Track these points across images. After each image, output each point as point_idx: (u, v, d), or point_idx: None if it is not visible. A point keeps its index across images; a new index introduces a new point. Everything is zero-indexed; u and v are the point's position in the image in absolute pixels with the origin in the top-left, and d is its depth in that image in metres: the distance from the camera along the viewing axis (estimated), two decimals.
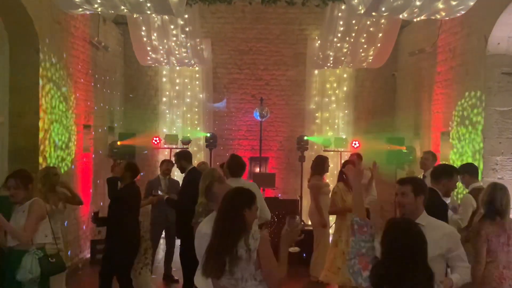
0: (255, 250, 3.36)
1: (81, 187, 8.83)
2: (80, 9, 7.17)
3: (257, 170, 11.51)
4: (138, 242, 6.37)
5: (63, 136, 7.99)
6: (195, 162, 11.70)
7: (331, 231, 7.84)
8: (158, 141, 11.27)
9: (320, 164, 8.26)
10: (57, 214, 5.97)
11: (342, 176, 7.05)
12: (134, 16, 9.48)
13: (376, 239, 3.05)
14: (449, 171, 4.92)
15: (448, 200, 5.12)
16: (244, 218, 3.38)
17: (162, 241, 8.71)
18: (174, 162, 7.61)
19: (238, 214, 3.37)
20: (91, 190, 9.38)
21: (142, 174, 9.66)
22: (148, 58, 10.94)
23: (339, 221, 7.06)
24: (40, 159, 7.02)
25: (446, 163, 7.66)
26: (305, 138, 11.26)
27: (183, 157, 6.84)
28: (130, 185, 6.41)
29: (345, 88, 12.05)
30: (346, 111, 12.04)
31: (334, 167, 10.96)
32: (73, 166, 8.47)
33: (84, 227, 9.17)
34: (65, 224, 7.67)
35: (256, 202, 3.51)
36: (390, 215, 9.54)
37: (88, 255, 9.15)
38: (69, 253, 7.95)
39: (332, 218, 7.92)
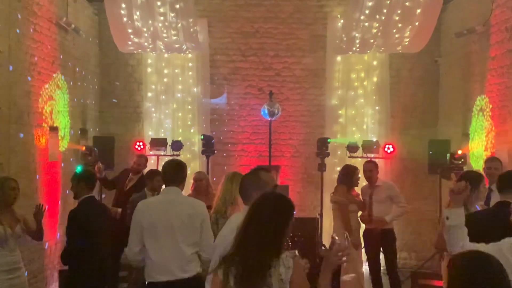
0: (288, 282, 3.29)
1: (47, 204, 8.83)
2: None
3: None
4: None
5: (23, 140, 8.01)
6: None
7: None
8: (142, 146, 11.28)
9: (348, 175, 8.59)
10: (13, 239, 5.96)
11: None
12: None
13: None
14: None
15: None
16: (284, 237, 3.36)
17: None
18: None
19: (280, 230, 3.33)
20: (59, 208, 9.40)
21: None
22: (130, 43, 10.98)
23: None
24: None
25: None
26: (329, 140, 11.26)
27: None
28: (86, 202, 6.17)
29: (375, 79, 12.04)
30: (377, 108, 12.03)
31: (363, 177, 10.93)
32: (37, 177, 8.49)
33: (50, 254, 9.18)
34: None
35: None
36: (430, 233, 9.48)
37: None
38: None
39: None
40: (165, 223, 5.07)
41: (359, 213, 8.67)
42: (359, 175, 8.84)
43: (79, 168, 8.88)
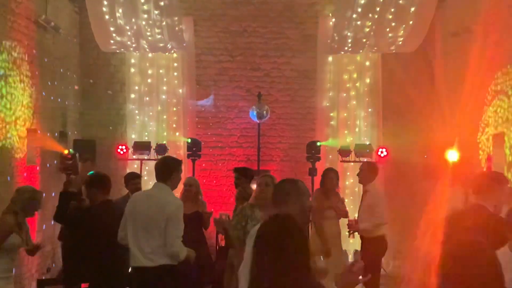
0: None
1: None
2: None
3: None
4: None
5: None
6: None
7: None
8: (125, 150, 11.21)
9: (321, 179, 8.62)
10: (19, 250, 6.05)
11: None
12: None
13: None
14: (500, 179, 4.90)
15: None
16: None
17: None
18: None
19: (305, 257, 3.00)
20: (36, 214, 9.29)
21: None
22: (112, 41, 10.94)
23: None
24: None
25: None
26: (318, 144, 11.23)
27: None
28: (101, 205, 6.20)
29: (368, 80, 12.06)
30: (369, 110, 12.04)
31: (355, 182, 10.91)
32: (14, 182, 8.41)
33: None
34: None
35: None
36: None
37: None
38: None
39: None
40: (137, 214, 5.64)
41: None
42: (334, 178, 8.57)
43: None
